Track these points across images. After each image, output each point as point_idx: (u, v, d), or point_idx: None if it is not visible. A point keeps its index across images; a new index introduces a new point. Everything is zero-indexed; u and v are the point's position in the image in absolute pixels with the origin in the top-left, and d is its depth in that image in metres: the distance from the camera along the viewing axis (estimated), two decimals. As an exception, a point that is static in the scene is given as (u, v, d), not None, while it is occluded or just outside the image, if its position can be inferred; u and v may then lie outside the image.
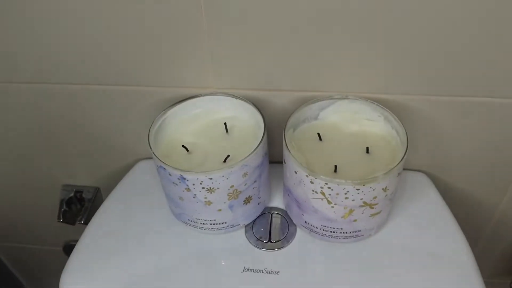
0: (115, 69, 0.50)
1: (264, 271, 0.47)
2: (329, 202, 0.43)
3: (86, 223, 0.66)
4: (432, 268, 0.47)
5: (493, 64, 0.45)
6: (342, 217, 0.45)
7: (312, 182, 0.42)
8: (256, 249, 0.49)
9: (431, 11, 0.41)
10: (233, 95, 0.49)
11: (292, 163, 0.43)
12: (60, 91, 0.53)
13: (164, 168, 0.43)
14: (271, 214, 0.53)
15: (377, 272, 0.47)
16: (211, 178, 0.42)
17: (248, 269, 0.48)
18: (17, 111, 0.57)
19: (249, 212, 0.50)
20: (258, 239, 0.50)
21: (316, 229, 0.48)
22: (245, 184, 0.45)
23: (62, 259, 0.80)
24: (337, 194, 0.42)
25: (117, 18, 0.45)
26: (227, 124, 0.49)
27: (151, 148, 0.45)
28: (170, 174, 0.43)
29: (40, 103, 0.55)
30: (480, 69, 0.45)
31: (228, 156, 0.46)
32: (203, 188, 0.43)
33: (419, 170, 0.58)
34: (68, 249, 0.81)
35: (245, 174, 0.44)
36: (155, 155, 0.44)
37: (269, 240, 0.50)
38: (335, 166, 0.45)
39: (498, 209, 0.62)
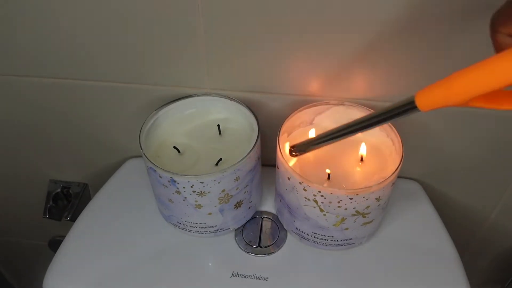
0: (108, 66, 0.49)
1: (252, 276, 0.47)
2: (321, 210, 0.42)
3: (73, 220, 0.65)
4: (421, 277, 0.47)
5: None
6: (333, 225, 0.44)
7: (305, 190, 0.41)
8: (245, 254, 0.49)
9: (428, 19, 0.40)
10: (228, 97, 0.49)
11: (285, 169, 0.42)
12: (51, 85, 0.52)
13: (155, 170, 0.42)
14: (262, 219, 0.52)
15: (366, 281, 0.47)
16: (202, 182, 0.42)
17: (237, 274, 0.47)
18: (4, 104, 0.56)
19: (240, 216, 0.49)
20: (247, 244, 0.49)
21: (307, 236, 0.47)
22: (237, 189, 0.45)
23: (47, 254, 0.79)
24: (330, 202, 0.41)
25: (112, 14, 0.43)
26: (220, 126, 0.48)
27: (141, 148, 0.44)
28: (160, 176, 0.42)
29: (29, 97, 0.54)
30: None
31: (221, 159, 0.45)
32: (193, 191, 0.42)
33: (411, 178, 0.57)
34: (54, 244, 0.80)
35: (237, 179, 0.43)
36: (145, 156, 0.43)
37: (259, 245, 0.49)
38: (329, 174, 0.44)
39: (489, 219, 0.62)
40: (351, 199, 0.40)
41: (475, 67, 0.27)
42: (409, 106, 0.31)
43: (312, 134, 0.47)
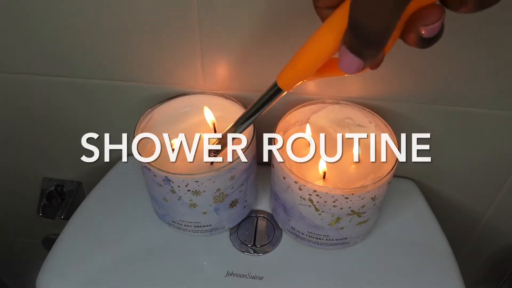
0: (102, 64, 0.48)
1: (247, 276, 0.47)
2: (316, 209, 0.42)
3: (67, 218, 0.65)
4: (416, 276, 0.47)
5: (485, 76, 0.44)
6: (329, 225, 0.44)
7: (300, 189, 0.41)
8: (240, 253, 0.49)
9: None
10: (223, 95, 0.48)
11: (280, 168, 0.42)
12: (44, 82, 0.51)
13: (149, 169, 0.42)
14: (257, 218, 0.52)
15: (361, 280, 0.47)
16: (197, 181, 0.41)
17: (232, 274, 0.47)
18: (-2, 101, 0.55)
19: (235, 215, 0.49)
20: (242, 243, 0.49)
21: (302, 235, 0.47)
22: (232, 188, 0.44)
23: (41, 252, 0.78)
24: (325, 201, 0.41)
25: (106, 11, 0.43)
26: (215, 125, 0.48)
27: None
28: (155, 175, 0.42)
29: (21, 94, 0.54)
30: (472, 80, 0.45)
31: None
32: (188, 190, 0.42)
33: (407, 177, 0.57)
34: (48, 242, 0.79)
35: (232, 178, 0.43)
36: (139, 154, 0.43)
37: (254, 244, 0.49)
38: (324, 173, 0.44)
39: (483, 219, 0.62)
40: (346, 198, 0.40)
41: (307, 43, 0.29)
42: (275, 89, 0.34)
43: (308, 130, 0.47)
